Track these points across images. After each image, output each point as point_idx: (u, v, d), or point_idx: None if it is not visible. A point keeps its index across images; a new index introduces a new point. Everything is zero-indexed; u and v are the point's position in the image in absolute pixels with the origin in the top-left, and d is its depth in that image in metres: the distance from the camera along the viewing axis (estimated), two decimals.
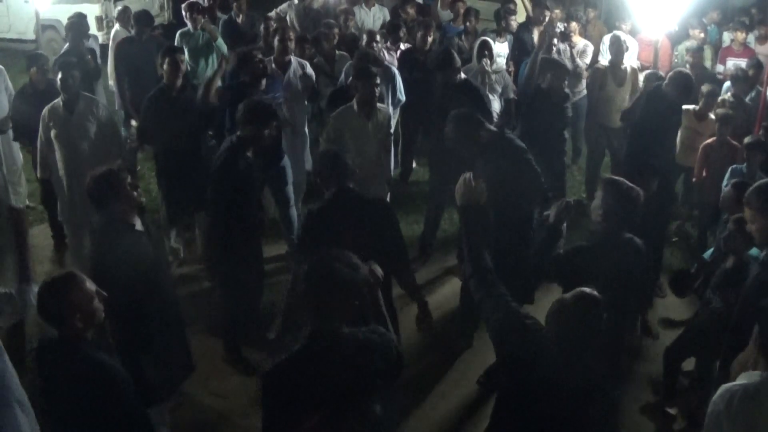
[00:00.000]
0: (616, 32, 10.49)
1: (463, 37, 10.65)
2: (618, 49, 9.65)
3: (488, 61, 9.03)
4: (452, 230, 8.84)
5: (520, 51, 10.76)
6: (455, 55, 8.15)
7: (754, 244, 5.63)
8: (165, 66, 7.54)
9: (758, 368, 3.73)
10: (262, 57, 7.76)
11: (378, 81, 7.32)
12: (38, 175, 7.92)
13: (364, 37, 9.47)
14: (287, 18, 10.85)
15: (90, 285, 4.01)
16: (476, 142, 6.28)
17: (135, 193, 5.22)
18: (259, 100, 6.35)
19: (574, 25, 10.58)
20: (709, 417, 3.74)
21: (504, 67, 10.15)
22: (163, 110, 7.42)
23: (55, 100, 7.51)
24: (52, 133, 7.47)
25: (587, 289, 3.71)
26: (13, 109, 8.35)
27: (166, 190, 7.87)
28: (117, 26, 11.37)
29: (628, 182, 4.94)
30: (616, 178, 5.03)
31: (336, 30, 9.79)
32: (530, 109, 8.07)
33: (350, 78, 8.17)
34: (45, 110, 7.49)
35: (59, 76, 7.46)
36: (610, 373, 4.27)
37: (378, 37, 9.32)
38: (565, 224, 5.03)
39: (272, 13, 11.44)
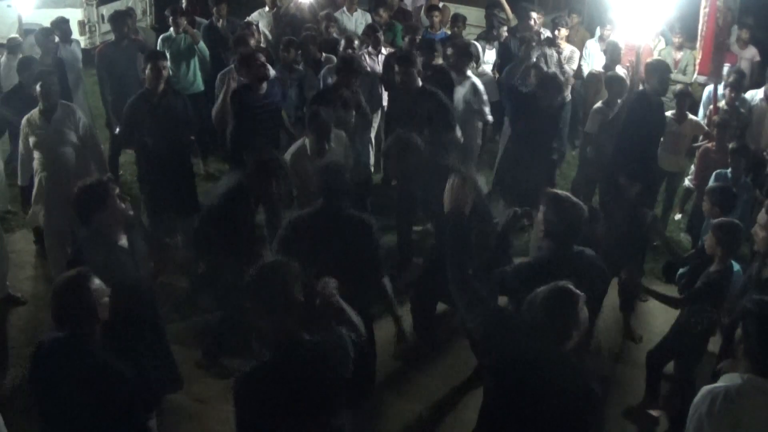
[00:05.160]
0: (613, 39, 10.57)
1: (448, 42, 10.65)
2: (615, 55, 9.70)
3: (474, 65, 9.03)
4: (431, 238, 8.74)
5: (504, 58, 10.81)
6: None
7: (737, 250, 5.66)
8: (147, 71, 7.53)
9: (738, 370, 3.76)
10: (265, 60, 7.75)
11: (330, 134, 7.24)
12: (19, 182, 7.84)
13: (342, 42, 9.46)
14: (258, 26, 10.83)
15: (99, 282, 4.05)
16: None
17: (123, 206, 5.13)
18: (269, 153, 6.28)
19: (563, 31, 10.62)
20: (690, 419, 3.75)
21: (488, 72, 10.18)
22: (145, 115, 7.40)
23: (33, 110, 7.42)
24: (31, 140, 7.40)
25: (562, 283, 3.75)
26: (1, 110, 8.30)
27: (148, 196, 7.83)
28: None
29: (571, 197, 4.83)
30: (559, 193, 4.91)
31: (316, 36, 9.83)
32: (516, 114, 8.08)
33: (329, 79, 8.23)
34: (24, 120, 7.41)
35: (39, 84, 7.36)
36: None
37: (356, 42, 9.31)
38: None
39: (251, 18, 11.43)
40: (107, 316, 4.09)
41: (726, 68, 10.27)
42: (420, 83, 8.00)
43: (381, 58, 9.94)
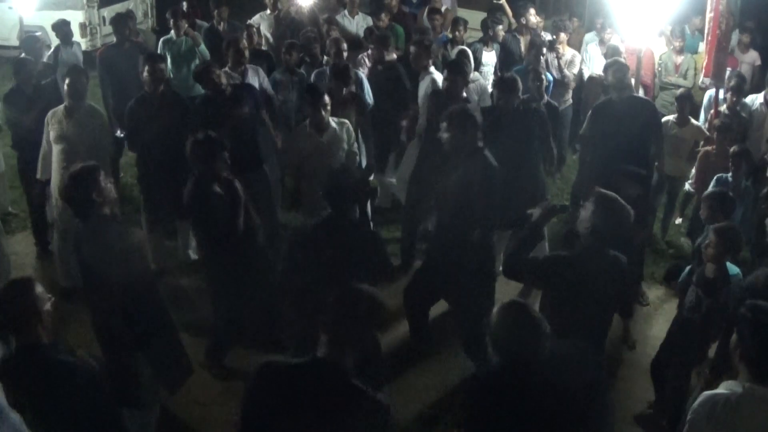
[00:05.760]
0: (614, 42, 10.56)
1: (448, 46, 10.66)
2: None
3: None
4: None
5: (506, 60, 10.81)
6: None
7: (733, 253, 5.64)
8: (145, 74, 7.57)
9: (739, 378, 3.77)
10: (218, 70, 7.76)
11: (327, 104, 7.29)
12: (38, 175, 7.84)
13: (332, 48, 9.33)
14: (260, 28, 10.85)
15: (41, 288, 4.04)
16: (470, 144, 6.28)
17: (110, 186, 5.26)
18: (204, 135, 6.28)
19: (563, 35, 10.62)
20: (689, 423, 3.75)
21: (480, 77, 10.15)
22: (145, 117, 7.40)
23: (60, 106, 7.53)
24: (51, 135, 7.47)
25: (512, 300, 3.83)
26: (4, 113, 8.30)
27: (148, 198, 7.84)
28: None
29: (622, 201, 4.91)
30: (611, 194, 4.98)
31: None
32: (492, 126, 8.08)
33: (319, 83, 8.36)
34: (50, 112, 7.52)
35: (67, 81, 7.47)
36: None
37: (344, 46, 9.26)
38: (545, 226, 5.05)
39: (252, 20, 11.44)
40: (51, 324, 4.05)
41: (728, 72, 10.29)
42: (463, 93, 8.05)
43: None
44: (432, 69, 9.04)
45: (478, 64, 10.40)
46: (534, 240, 5.03)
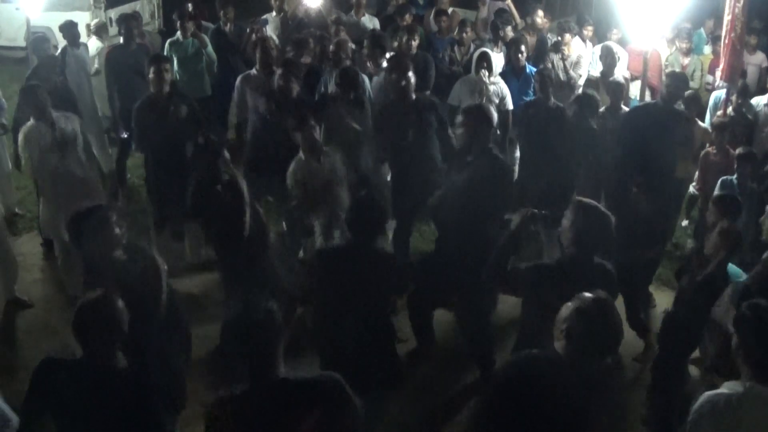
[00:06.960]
0: (608, 43, 10.51)
1: (455, 47, 10.64)
2: (610, 60, 9.66)
3: (486, 73, 8.95)
4: (425, 246, 8.51)
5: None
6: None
7: (734, 251, 5.61)
8: (151, 75, 7.57)
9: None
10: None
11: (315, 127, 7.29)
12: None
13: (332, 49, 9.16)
14: (266, 30, 10.86)
15: (122, 303, 4.00)
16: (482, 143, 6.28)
17: (119, 232, 4.96)
18: (204, 138, 6.46)
19: (567, 36, 10.58)
20: (690, 425, 3.75)
21: (500, 80, 10.12)
22: (151, 119, 7.42)
23: (30, 122, 7.41)
24: (36, 151, 7.40)
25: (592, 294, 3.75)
26: (17, 111, 8.30)
27: (155, 199, 7.86)
28: None
29: (600, 207, 4.83)
30: (589, 201, 4.90)
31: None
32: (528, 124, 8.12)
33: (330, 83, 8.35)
34: (26, 128, 7.41)
35: (23, 101, 7.49)
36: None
37: (349, 48, 9.21)
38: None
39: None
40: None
41: None
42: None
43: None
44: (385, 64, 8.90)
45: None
46: (512, 248, 4.93)
